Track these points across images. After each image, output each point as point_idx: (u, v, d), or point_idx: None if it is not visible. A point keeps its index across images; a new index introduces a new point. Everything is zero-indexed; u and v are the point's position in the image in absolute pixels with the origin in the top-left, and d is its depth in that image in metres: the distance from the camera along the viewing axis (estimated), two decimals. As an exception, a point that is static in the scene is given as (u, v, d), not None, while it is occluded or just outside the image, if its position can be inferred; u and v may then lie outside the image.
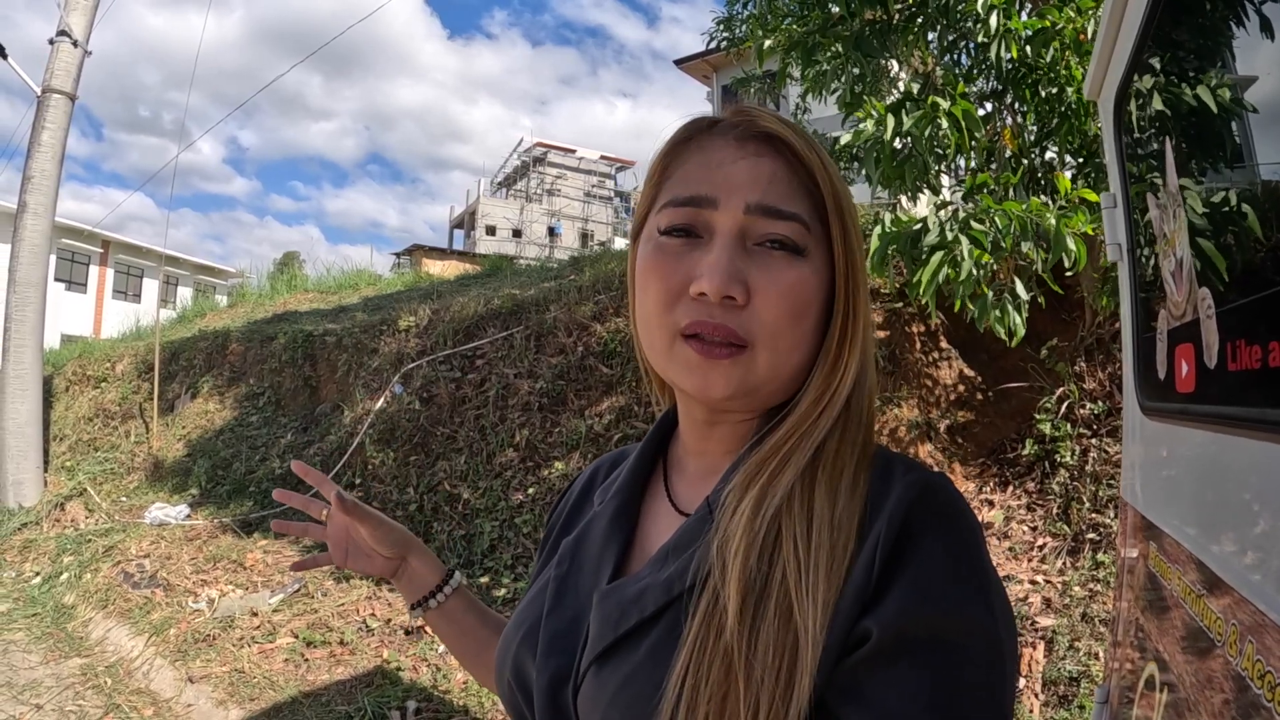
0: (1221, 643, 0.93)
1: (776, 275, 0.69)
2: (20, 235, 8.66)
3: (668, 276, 0.71)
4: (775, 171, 0.71)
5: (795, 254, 0.70)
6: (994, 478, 4.44)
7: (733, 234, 0.69)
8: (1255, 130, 0.94)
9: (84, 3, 9.01)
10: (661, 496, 0.83)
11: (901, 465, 0.68)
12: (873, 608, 0.59)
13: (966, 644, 0.57)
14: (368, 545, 1.07)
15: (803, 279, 0.69)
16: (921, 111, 3.28)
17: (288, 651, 4.61)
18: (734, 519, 0.65)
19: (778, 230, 0.69)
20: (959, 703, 0.56)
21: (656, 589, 0.68)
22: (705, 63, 20.30)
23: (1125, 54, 1.40)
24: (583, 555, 0.82)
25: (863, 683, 0.57)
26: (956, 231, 3.09)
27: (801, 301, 0.69)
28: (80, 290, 28.21)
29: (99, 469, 8.67)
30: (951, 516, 0.63)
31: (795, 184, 0.71)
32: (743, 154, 0.72)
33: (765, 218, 0.69)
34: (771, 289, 0.69)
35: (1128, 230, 1.49)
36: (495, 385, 6.45)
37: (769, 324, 0.69)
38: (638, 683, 0.64)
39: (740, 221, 0.69)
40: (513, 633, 0.81)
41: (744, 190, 0.70)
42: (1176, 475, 1.25)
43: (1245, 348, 0.86)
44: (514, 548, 5.29)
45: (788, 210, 0.70)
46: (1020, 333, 3.26)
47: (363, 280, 14.18)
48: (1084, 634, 3.25)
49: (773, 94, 7.24)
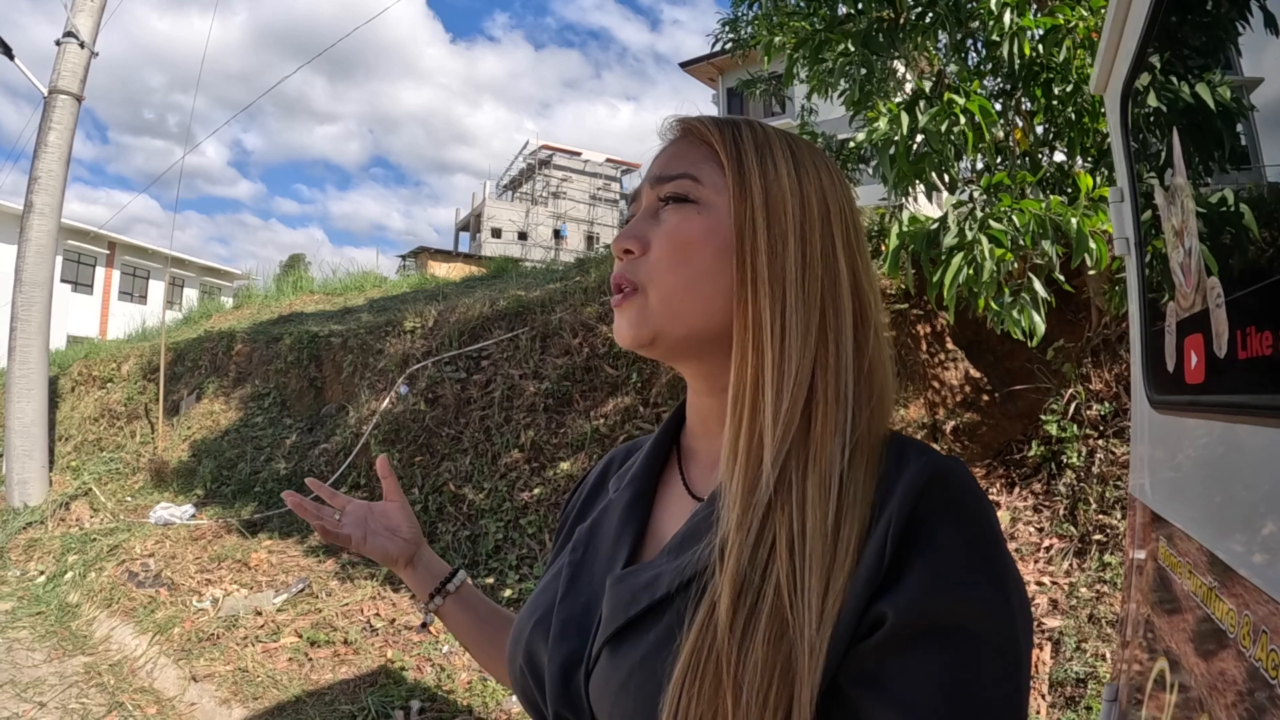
0: (1235, 636, 0.92)
1: (662, 224, 0.77)
2: (27, 235, 8.68)
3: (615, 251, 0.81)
4: (676, 150, 0.80)
5: (682, 203, 0.76)
6: (1000, 479, 4.42)
7: (646, 208, 0.80)
8: (1260, 121, 0.94)
9: (91, 4, 9.03)
10: (676, 483, 0.84)
11: (915, 449, 0.67)
12: (887, 592, 0.59)
13: (982, 631, 0.57)
14: (392, 522, 1.08)
15: (685, 220, 0.75)
16: (938, 108, 3.27)
17: (291, 651, 4.61)
18: (729, 515, 0.65)
19: (667, 190, 0.77)
20: (975, 690, 0.56)
21: (669, 575, 0.69)
22: (711, 65, 20.36)
23: (1131, 49, 1.40)
24: (597, 542, 0.83)
25: (878, 669, 0.57)
26: (976, 231, 3.07)
27: (683, 239, 0.75)
28: (86, 291, 28.30)
29: (104, 469, 8.69)
30: (966, 502, 0.63)
31: (692, 153, 0.78)
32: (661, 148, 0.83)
33: (660, 184, 0.78)
34: (659, 235, 0.76)
35: (1135, 224, 1.48)
36: (500, 386, 6.45)
37: (654, 263, 0.76)
38: (648, 668, 0.64)
39: (649, 196, 0.79)
40: (526, 618, 0.81)
41: (652, 171, 0.80)
42: (1186, 468, 1.24)
43: (1255, 334, 0.85)
44: (519, 548, 5.29)
45: (674, 172, 0.77)
46: (1040, 332, 3.24)
47: (368, 282, 14.21)
48: (1091, 635, 3.24)
49: (778, 95, 7.24)
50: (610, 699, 0.66)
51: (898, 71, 4.85)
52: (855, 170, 5.81)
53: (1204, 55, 1.13)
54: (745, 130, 0.78)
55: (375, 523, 1.08)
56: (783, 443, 0.66)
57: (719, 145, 0.77)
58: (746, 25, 6.02)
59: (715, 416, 0.79)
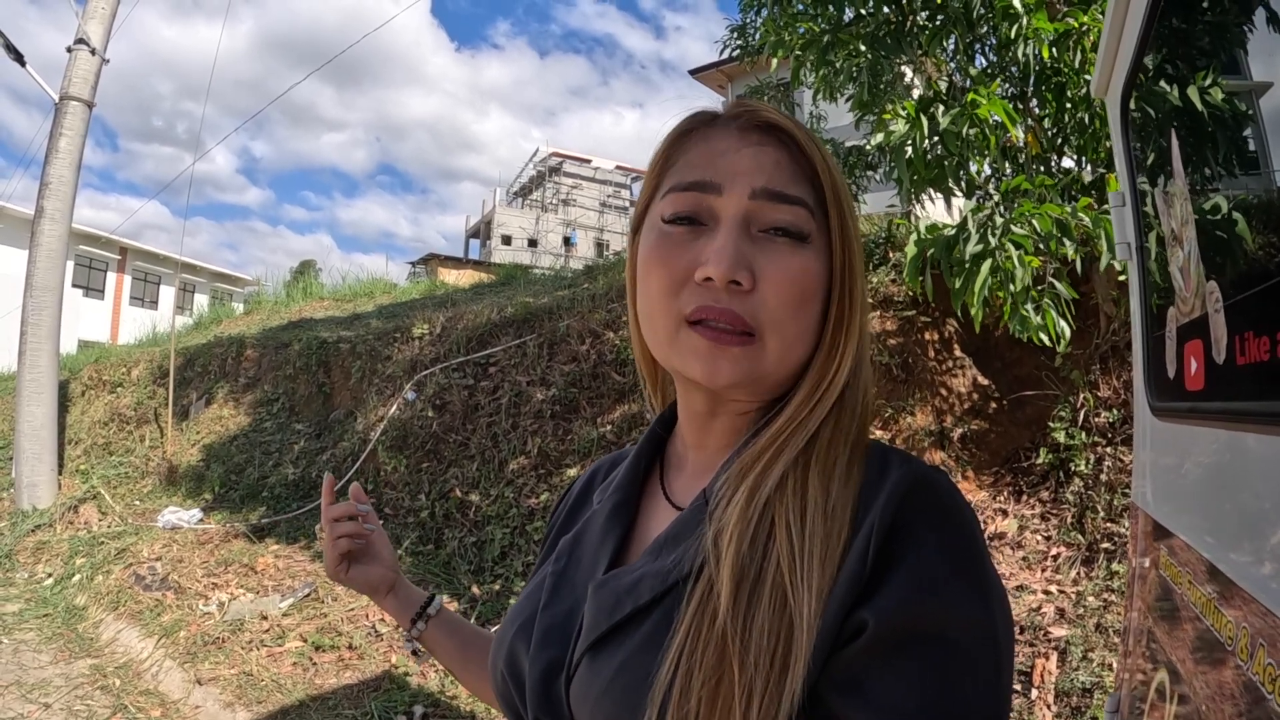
0: (1233, 648, 0.90)
1: (782, 262, 0.68)
2: (38, 240, 8.73)
3: (672, 263, 0.70)
4: (779, 159, 0.71)
5: (799, 241, 0.69)
6: (1008, 486, 4.39)
7: (738, 219, 0.69)
8: (1263, 124, 0.93)
9: (102, 11, 9.11)
10: (659, 493, 0.83)
11: (897, 457, 0.67)
12: (868, 599, 0.58)
13: (963, 639, 0.57)
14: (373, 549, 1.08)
15: (807, 266, 0.69)
16: (958, 110, 3.25)
17: (296, 655, 4.61)
18: (729, 509, 0.65)
19: (782, 216, 0.69)
20: (957, 698, 0.56)
21: (652, 578, 0.68)
22: (720, 72, 20.34)
23: (1130, 52, 1.39)
24: (580, 551, 0.82)
25: (860, 676, 0.57)
26: (1000, 237, 3.05)
27: (807, 289, 0.69)
28: (98, 296, 28.47)
29: (113, 473, 8.72)
30: (948, 510, 0.63)
31: (797, 172, 0.71)
32: (745, 143, 0.72)
33: (771, 202, 0.69)
34: (778, 275, 0.68)
35: (1136, 229, 1.47)
36: (508, 392, 6.45)
37: (775, 310, 0.68)
38: (631, 671, 0.63)
39: (745, 207, 0.69)
40: (508, 626, 0.81)
41: (749, 176, 0.70)
42: (1187, 476, 1.22)
43: (1254, 340, 0.84)
44: (525, 555, 5.28)
45: (793, 194, 0.70)
46: (1067, 335, 3.22)
47: (378, 288, 14.24)
48: (1098, 644, 3.21)
49: (786, 101, 7.24)
50: (591, 704, 0.65)
51: (905, 76, 4.84)
52: (862, 177, 5.81)
53: (1203, 57, 1.12)
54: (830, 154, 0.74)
55: (360, 553, 1.08)
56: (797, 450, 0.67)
57: (822, 171, 0.71)
58: (755, 31, 6.02)
59: (718, 430, 0.78)
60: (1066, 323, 3.21)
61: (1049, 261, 3.36)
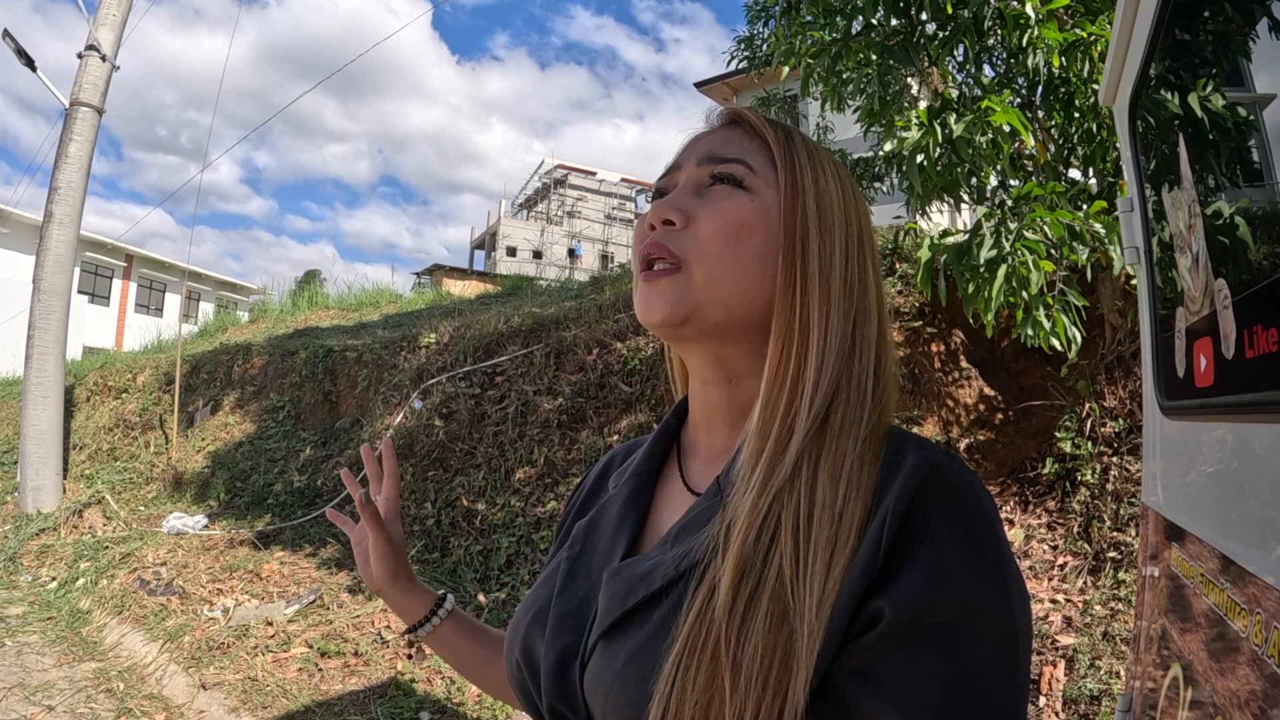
0: (1250, 638, 0.91)
1: (714, 201, 0.75)
2: (46, 245, 8.76)
3: (640, 225, 0.79)
4: (729, 136, 0.80)
5: (736, 187, 0.76)
6: (1014, 496, 4.40)
7: (688, 183, 0.78)
8: (1266, 129, 0.95)
9: (113, 18, 9.17)
10: (675, 479, 0.84)
11: (913, 443, 0.67)
12: (884, 587, 0.58)
13: (981, 627, 0.57)
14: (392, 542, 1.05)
15: (739, 205, 0.75)
16: (971, 117, 3.26)
17: (301, 661, 4.62)
18: (742, 500, 0.65)
19: (721, 169, 0.77)
20: (975, 687, 0.56)
21: (666, 566, 0.68)
22: (726, 85, 20.37)
23: (1138, 60, 1.41)
24: (595, 537, 0.83)
25: (876, 665, 0.57)
26: (1013, 243, 3.06)
27: (739, 225, 0.74)
28: (103, 303, 28.57)
29: (118, 478, 8.73)
30: (964, 497, 0.63)
31: (746, 144, 0.79)
32: (708, 132, 0.82)
33: (711, 163, 0.77)
34: (709, 211, 0.75)
35: (1145, 234, 1.49)
36: (515, 402, 6.46)
37: (703, 241, 0.74)
38: (644, 658, 0.64)
39: (694, 173, 0.78)
40: (523, 614, 0.81)
41: (701, 150, 0.79)
42: (1199, 471, 1.24)
43: (1262, 332, 0.86)
44: (531, 564, 5.27)
45: (730, 155, 0.77)
46: (1079, 341, 3.23)
47: (384, 298, 14.27)
48: (1105, 652, 3.21)
49: (792, 113, 7.27)
50: (604, 691, 0.66)
51: (911, 87, 4.86)
52: (870, 188, 5.83)
53: (1209, 64, 1.15)
54: (798, 136, 0.80)
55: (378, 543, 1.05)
56: (807, 435, 0.67)
57: (773, 142, 0.78)
58: (763, 43, 6.06)
59: (720, 408, 0.80)
60: (1078, 329, 3.22)
61: (1060, 268, 3.38)
